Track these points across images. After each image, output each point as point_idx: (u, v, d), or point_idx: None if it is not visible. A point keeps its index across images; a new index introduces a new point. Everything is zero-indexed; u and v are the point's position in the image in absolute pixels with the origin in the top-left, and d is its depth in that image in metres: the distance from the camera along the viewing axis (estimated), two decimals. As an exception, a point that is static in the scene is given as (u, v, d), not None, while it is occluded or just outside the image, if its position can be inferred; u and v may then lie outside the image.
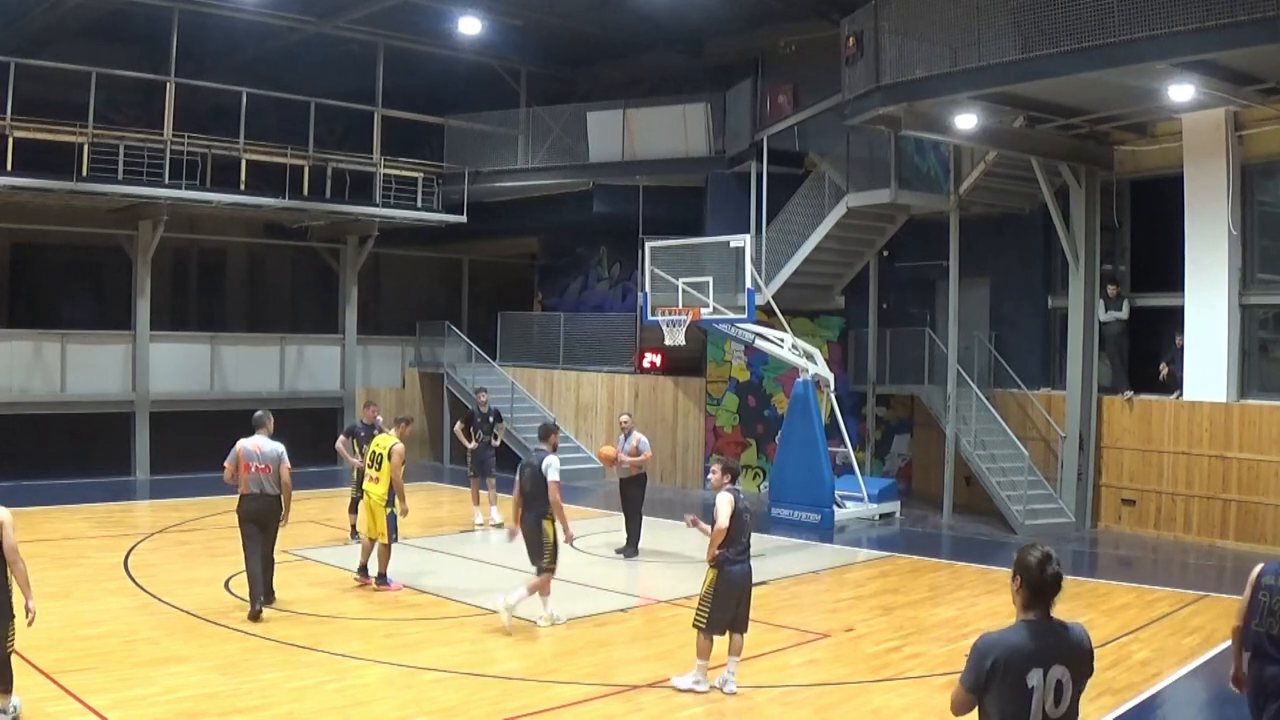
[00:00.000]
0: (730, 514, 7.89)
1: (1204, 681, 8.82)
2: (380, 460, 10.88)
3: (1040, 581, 4.03)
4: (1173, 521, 15.29)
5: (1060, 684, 3.96)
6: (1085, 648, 4.09)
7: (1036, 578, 4.03)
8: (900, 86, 13.87)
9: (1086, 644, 4.10)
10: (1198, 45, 11.42)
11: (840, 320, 19.91)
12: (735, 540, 7.93)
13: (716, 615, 7.91)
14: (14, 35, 18.77)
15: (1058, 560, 4.09)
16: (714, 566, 7.97)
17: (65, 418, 19.13)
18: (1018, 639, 4.02)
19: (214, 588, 10.90)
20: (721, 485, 8.16)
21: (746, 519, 8.07)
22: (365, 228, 21.99)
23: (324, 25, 20.04)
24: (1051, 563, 4.05)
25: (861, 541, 15.11)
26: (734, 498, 7.98)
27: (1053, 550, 4.15)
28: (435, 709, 7.52)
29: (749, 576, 8.12)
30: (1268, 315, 15.13)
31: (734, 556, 7.95)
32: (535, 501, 9.58)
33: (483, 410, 15.78)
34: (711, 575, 7.97)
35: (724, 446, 19.79)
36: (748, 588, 8.12)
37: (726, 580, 7.93)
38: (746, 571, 8.09)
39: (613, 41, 22.02)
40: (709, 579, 7.99)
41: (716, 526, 7.91)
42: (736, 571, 7.98)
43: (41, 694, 7.45)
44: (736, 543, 7.95)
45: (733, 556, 7.94)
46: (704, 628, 7.95)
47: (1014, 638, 4.03)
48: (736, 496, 8.02)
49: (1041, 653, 3.97)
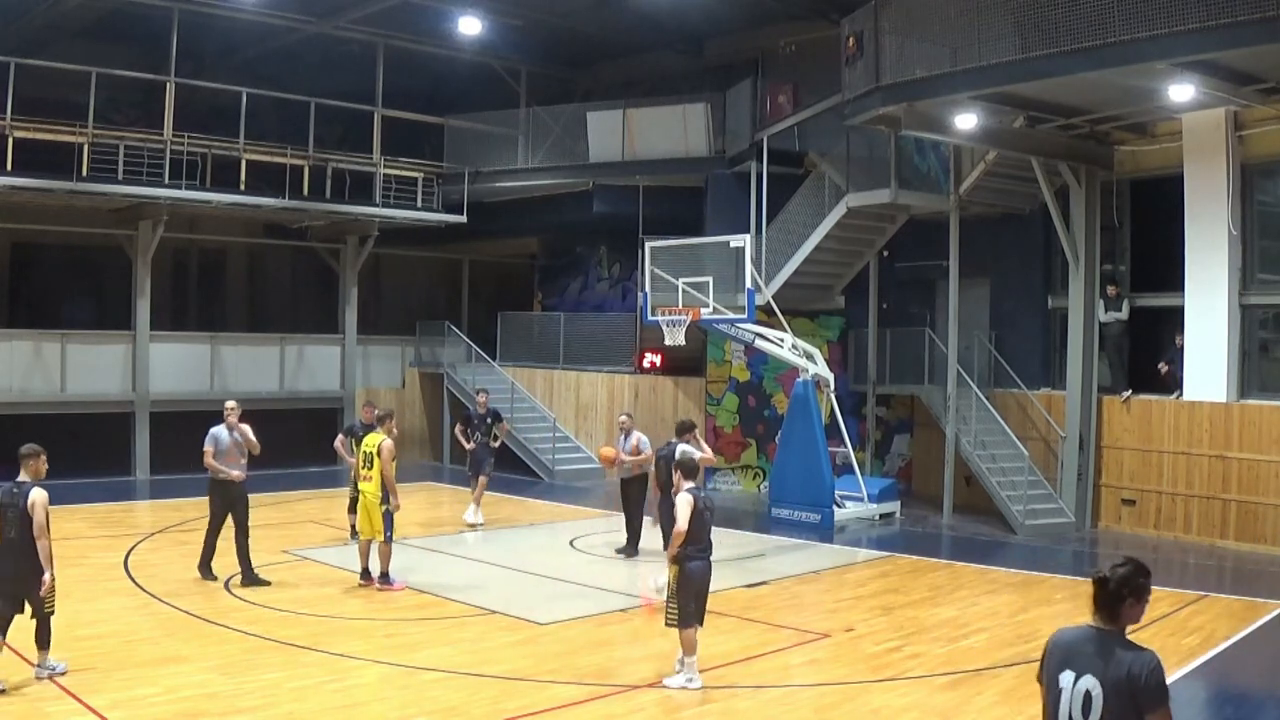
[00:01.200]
0: (689, 515, 8.01)
1: (1204, 681, 8.83)
2: (371, 459, 10.92)
3: (1093, 586, 4.00)
4: (1173, 521, 15.29)
5: (1089, 696, 3.86)
6: (1129, 672, 3.83)
7: (1092, 582, 4.01)
8: (900, 86, 13.86)
9: (1134, 670, 3.83)
10: (1198, 45, 11.41)
11: (840, 320, 19.91)
12: (696, 539, 8.06)
13: (685, 609, 8.05)
14: (14, 35, 18.77)
15: (1119, 569, 3.97)
16: (675, 563, 8.11)
17: (65, 418, 19.11)
18: (1068, 637, 4.03)
19: (214, 588, 10.90)
20: (680, 487, 8.23)
21: (707, 518, 8.17)
22: (365, 228, 21.99)
23: (324, 25, 20.04)
24: (1107, 569, 3.98)
25: (861, 541, 15.10)
26: (693, 498, 8.09)
27: (1128, 561, 4.02)
28: (435, 709, 7.52)
29: (708, 572, 8.24)
30: (1268, 315, 15.13)
31: (694, 553, 8.08)
32: (670, 490, 10.28)
33: (480, 411, 15.79)
34: (674, 571, 8.12)
35: (724, 446, 19.79)
36: (706, 583, 8.25)
37: (687, 575, 8.07)
38: (705, 568, 8.19)
39: (613, 41, 22.03)
40: (671, 575, 8.15)
41: (676, 528, 8.04)
42: (695, 567, 8.10)
43: (41, 694, 7.45)
44: (697, 541, 8.08)
45: (693, 553, 8.07)
46: (676, 623, 8.06)
47: (1066, 635, 4.05)
48: (696, 496, 8.12)
49: (1078, 658, 3.93)
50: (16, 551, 7.48)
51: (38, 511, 7.52)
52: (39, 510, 7.54)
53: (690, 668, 8.07)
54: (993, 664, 8.91)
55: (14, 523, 7.50)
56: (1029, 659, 9.07)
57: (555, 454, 20.61)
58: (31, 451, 7.83)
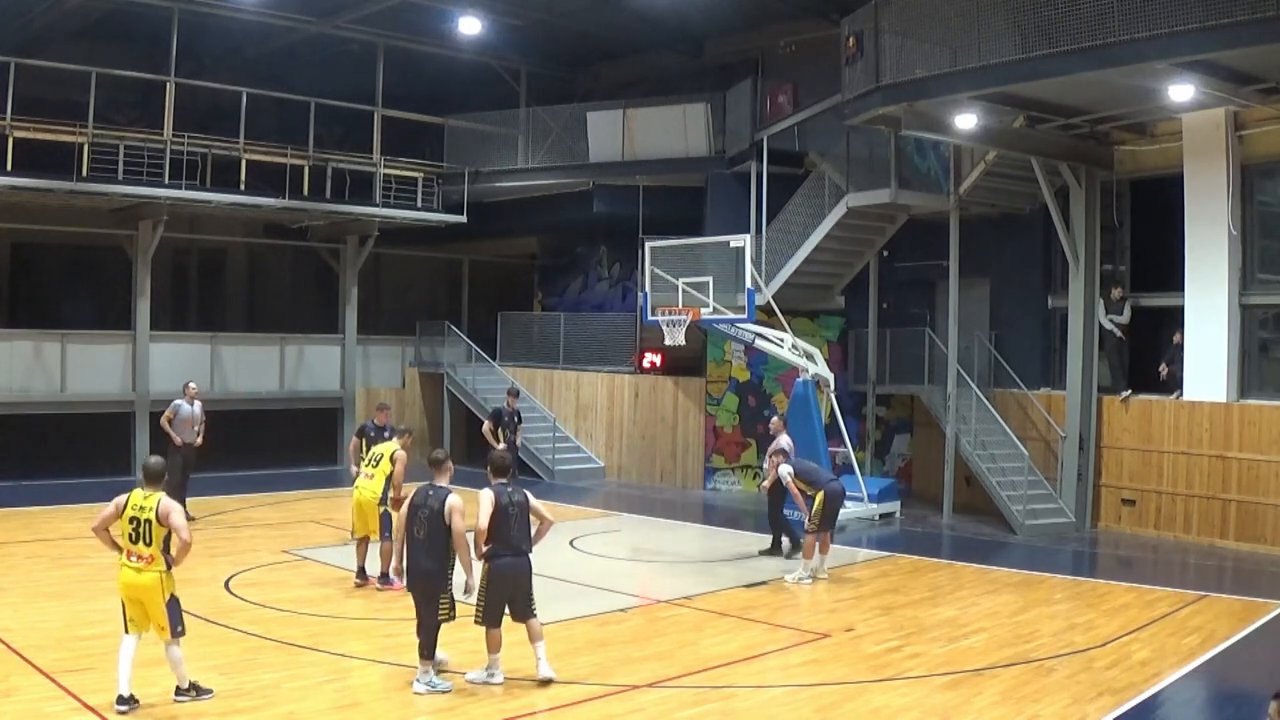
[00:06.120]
0: (490, 512, 7.96)
1: (1204, 681, 8.83)
2: (379, 460, 10.96)
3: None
4: (1173, 521, 15.29)
5: None
6: None
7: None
8: (900, 86, 13.86)
9: None
10: (1198, 45, 11.41)
11: (840, 320, 19.91)
12: (497, 535, 7.97)
13: (491, 608, 8.00)
14: (14, 35, 18.76)
15: None
16: (484, 561, 8.04)
17: (65, 418, 19.13)
18: None
19: (214, 588, 10.90)
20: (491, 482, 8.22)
21: (512, 512, 8.06)
22: (365, 228, 21.99)
23: (324, 25, 20.04)
24: None
25: (861, 541, 15.10)
26: (495, 494, 8.04)
27: None
28: (435, 709, 7.52)
29: (521, 569, 8.10)
30: (1268, 315, 15.13)
31: (500, 551, 7.99)
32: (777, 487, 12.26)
33: (509, 410, 15.71)
34: (483, 569, 8.05)
35: (724, 446, 19.80)
36: (521, 579, 8.11)
37: (493, 573, 8.00)
38: (514, 564, 8.05)
39: (613, 41, 22.03)
40: (481, 574, 8.06)
41: (478, 525, 7.96)
42: (502, 565, 8.00)
43: (41, 694, 7.45)
44: (500, 538, 7.98)
45: (499, 551, 7.99)
46: (480, 620, 8.03)
47: None
48: (498, 493, 8.06)
49: None
50: None
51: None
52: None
53: (493, 663, 8.05)
54: (993, 664, 8.91)
55: None
56: (1029, 659, 9.08)
57: (555, 454, 20.61)
58: None
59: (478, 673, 8.08)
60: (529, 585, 8.18)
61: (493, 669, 8.05)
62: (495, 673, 8.04)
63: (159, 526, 7.21)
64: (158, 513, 7.21)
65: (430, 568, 7.85)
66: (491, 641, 8.04)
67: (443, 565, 7.87)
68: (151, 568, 7.25)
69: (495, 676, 8.03)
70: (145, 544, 7.24)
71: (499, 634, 8.05)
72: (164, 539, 7.27)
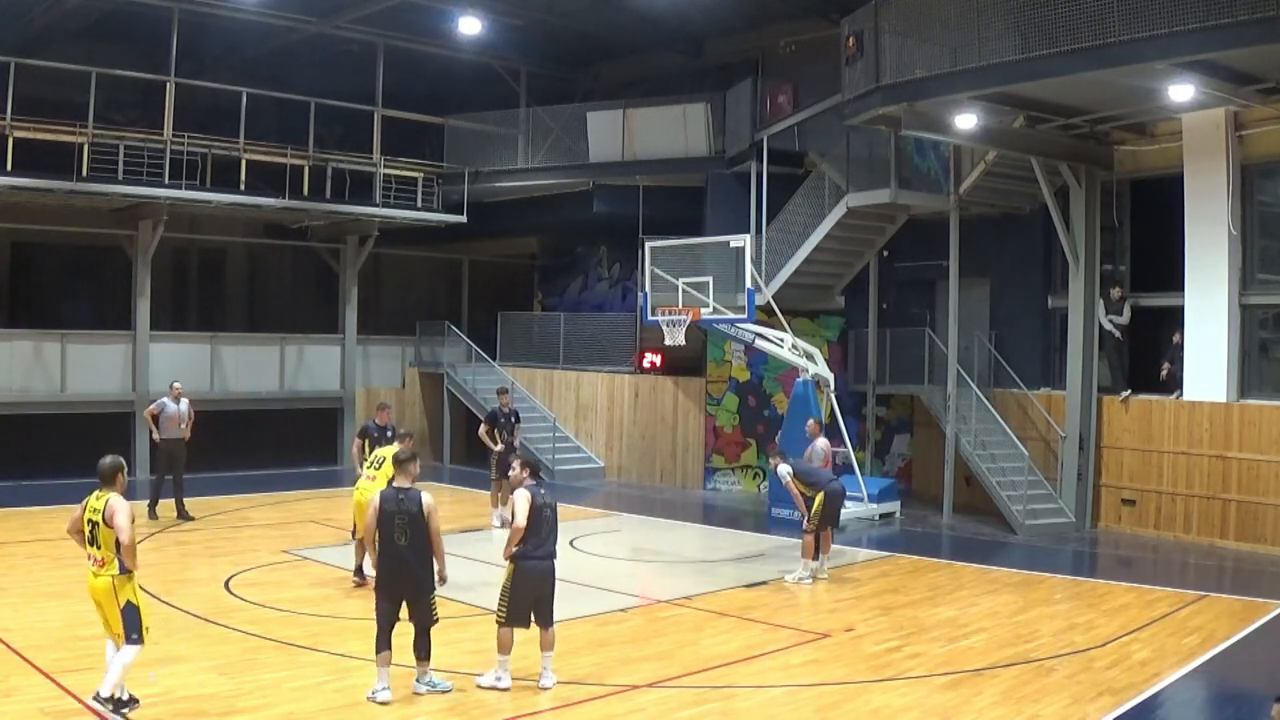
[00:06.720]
0: (527, 511, 7.87)
1: (1204, 681, 8.83)
2: (381, 461, 10.97)
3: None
4: (1173, 521, 15.29)
5: None
6: None
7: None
8: (900, 86, 13.86)
9: None
10: (1198, 45, 11.41)
11: (840, 320, 19.90)
12: (533, 536, 7.90)
13: (515, 609, 7.91)
14: (14, 35, 18.75)
15: None
16: (511, 561, 7.96)
17: (65, 418, 19.11)
18: None
19: (214, 588, 10.90)
20: (521, 481, 8.10)
21: (547, 514, 8.00)
22: (365, 228, 21.99)
23: (324, 25, 20.03)
24: None
25: (861, 541, 15.09)
26: (531, 495, 7.94)
27: None
28: (435, 709, 7.52)
29: (548, 573, 8.05)
30: (1268, 315, 15.13)
31: (530, 552, 7.92)
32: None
33: (504, 410, 15.68)
34: (510, 570, 7.97)
35: (724, 446, 19.80)
36: (547, 583, 8.06)
37: (522, 575, 7.92)
38: (544, 568, 8.01)
39: (613, 41, 22.03)
40: (506, 573, 7.99)
41: (514, 525, 7.90)
42: (532, 567, 7.94)
43: (41, 694, 7.45)
44: (535, 539, 7.91)
45: (529, 552, 7.92)
46: (503, 621, 7.95)
47: None
48: (534, 493, 7.96)
49: None
50: None
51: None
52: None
53: (502, 666, 7.98)
54: (992, 664, 8.91)
55: None
56: (1029, 659, 9.08)
57: (555, 454, 20.60)
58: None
59: (488, 676, 8.02)
60: (553, 592, 8.13)
61: (501, 672, 7.99)
62: (504, 676, 7.99)
63: (105, 528, 7.03)
64: (104, 514, 7.05)
65: (421, 574, 7.77)
66: (503, 642, 7.97)
67: (430, 568, 7.80)
68: (104, 571, 7.10)
69: (503, 680, 7.98)
70: (97, 547, 7.10)
71: (512, 636, 7.99)
72: (115, 542, 7.07)
